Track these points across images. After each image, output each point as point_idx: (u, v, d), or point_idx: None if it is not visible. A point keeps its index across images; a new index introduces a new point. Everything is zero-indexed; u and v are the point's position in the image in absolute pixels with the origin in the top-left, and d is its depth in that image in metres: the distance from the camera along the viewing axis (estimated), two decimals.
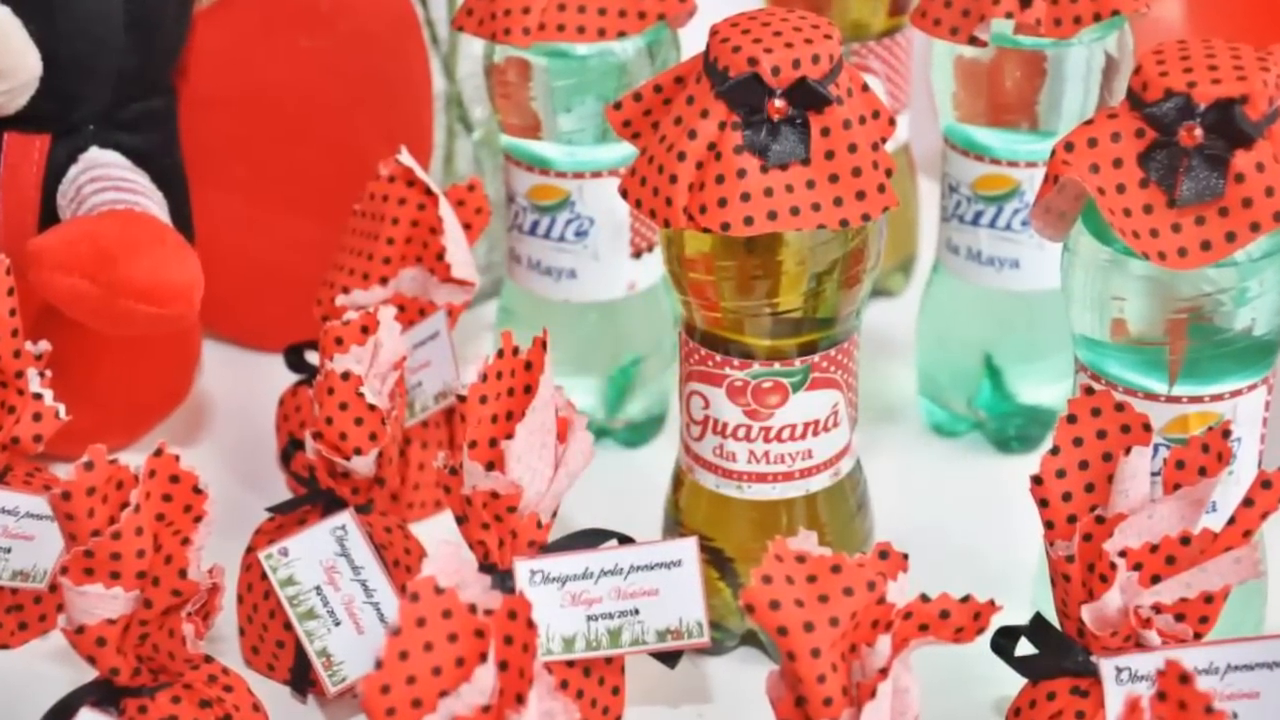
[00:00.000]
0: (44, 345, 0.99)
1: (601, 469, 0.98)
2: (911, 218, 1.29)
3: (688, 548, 0.90)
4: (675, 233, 0.92)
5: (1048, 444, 0.86)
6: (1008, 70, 1.05)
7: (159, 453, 0.85)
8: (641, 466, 1.13)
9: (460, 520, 0.91)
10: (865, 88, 0.91)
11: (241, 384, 1.20)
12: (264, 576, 0.96)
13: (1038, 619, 0.88)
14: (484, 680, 0.73)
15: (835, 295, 0.93)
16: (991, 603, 0.79)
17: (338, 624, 0.94)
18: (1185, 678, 0.72)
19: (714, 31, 0.90)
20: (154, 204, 1.10)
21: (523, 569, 0.89)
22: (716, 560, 0.98)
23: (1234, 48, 0.88)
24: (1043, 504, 0.86)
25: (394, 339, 0.96)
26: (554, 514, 0.91)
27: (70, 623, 0.85)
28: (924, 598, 0.78)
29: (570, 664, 0.90)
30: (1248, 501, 0.83)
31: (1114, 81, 1.05)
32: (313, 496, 0.98)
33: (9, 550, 0.97)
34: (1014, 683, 0.89)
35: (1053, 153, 0.88)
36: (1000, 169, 1.07)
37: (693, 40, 1.04)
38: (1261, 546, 0.92)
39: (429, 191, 1.04)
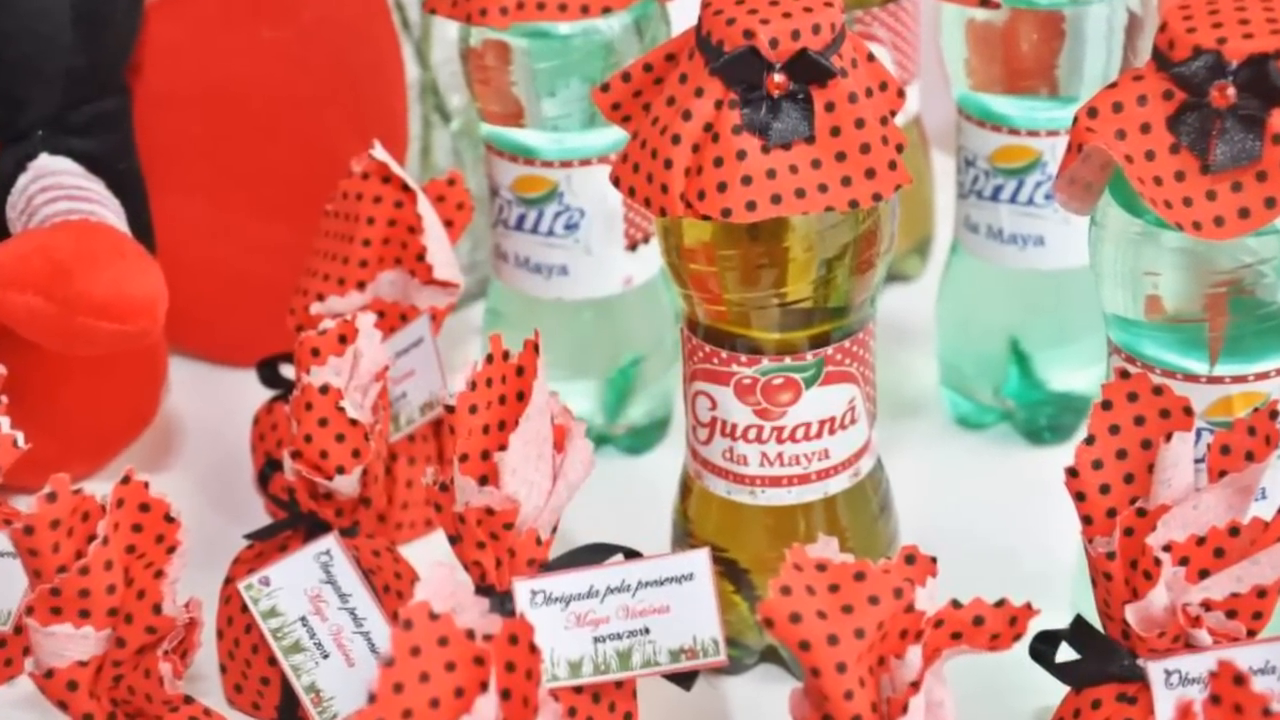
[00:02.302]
0: None
1: (603, 479, 0.98)
2: (926, 195, 1.29)
3: (699, 560, 0.90)
4: (673, 222, 0.92)
5: (1082, 433, 0.86)
6: (1024, 33, 1.05)
7: (127, 480, 0.85)
8: (646, 474, 1.13)
9: (453, 540, 0.91)
10: (871, 58, 0.91)
11: (212, 403, 1.20)
12: (245, 608, 0.96)
13: (1079, 622, 0.88)
14: (485, 711, 0.73)
15: (847, 282, 0.93)
16: (1028, 606, 0.79)
17: (326, 656, 0.94)
18: (1240, 679, 0.72)
19: (706, 3, 0.90)
20: (111, 212, 1.10)
21: (523, 590, 0.89)
22: (731, 572, 0.98)
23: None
24: (1079, 498, 0.86)
25: (374, 348, 0.96)
26: (554, 529, 0.91)
27: (38, 666, 0.85)
28: (955, 604, 0.78)
29: (578, 690, 0.90)
30: None
31: (1138, 41, 1.05)
32: (294, 521, 0.98)
33: None
34: (1055, 691, 0.89)
35: (1075, 120, 0.88)
36: (1019, 139, 1.07)
37: (683, 14, 1.04)
38: None
39: (406, 187, 1.04)
